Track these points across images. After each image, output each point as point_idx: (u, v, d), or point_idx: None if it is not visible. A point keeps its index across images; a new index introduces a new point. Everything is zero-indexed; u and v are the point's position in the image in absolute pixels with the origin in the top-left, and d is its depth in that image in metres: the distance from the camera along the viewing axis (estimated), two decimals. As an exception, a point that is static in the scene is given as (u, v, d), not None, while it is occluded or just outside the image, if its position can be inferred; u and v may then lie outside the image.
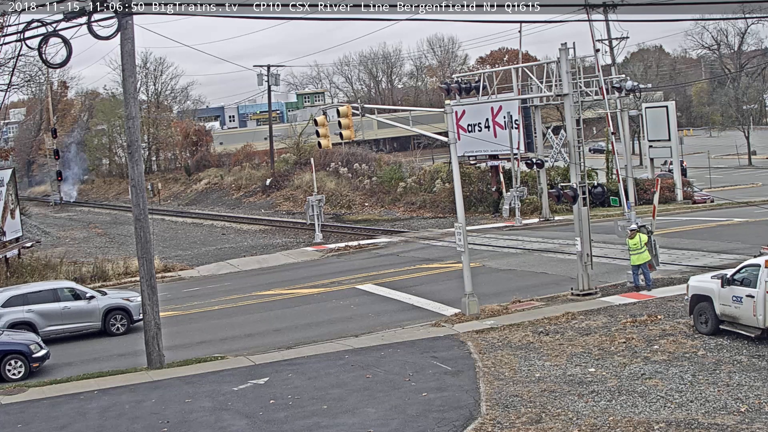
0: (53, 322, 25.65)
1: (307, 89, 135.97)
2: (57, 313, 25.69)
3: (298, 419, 15.75)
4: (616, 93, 31.63)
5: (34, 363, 21.98)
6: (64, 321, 25.80)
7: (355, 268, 34.87)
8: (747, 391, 15.48)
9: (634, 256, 25.32)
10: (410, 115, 32.81)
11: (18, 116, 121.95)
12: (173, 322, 26.45)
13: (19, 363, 21.77)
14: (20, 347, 22.05)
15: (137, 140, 20.86)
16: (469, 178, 51.71)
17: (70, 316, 25.73)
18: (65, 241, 55.14)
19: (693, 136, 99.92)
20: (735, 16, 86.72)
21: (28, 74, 54.38)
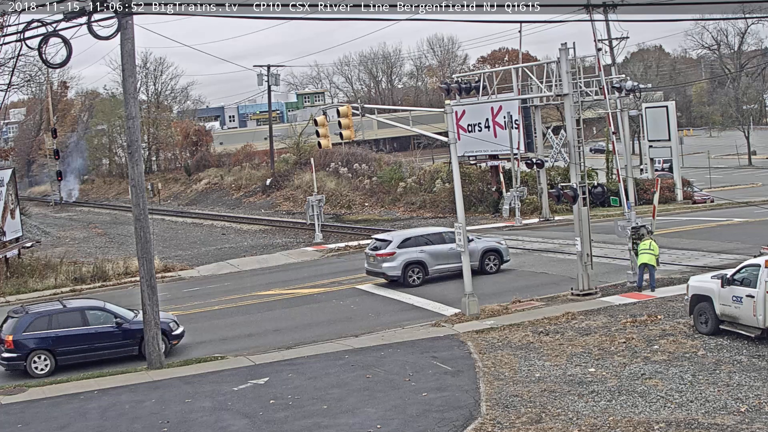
0: (440, 261, 29.23)
1: (307, 89, 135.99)
2: (444, 253, 29.16)
3: (298, 419, 15.75)
4: (616, 93, 31.66)
5: (173, 340, 23.12)
6: (449, 261, 29.05)
7: (355, 268, 34.83)
8: (747, 391, 15.48)
9: (643, 255, 25.16)
10: (410, 115, 32.88)
11: (18, 116, 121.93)
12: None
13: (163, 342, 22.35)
14: (162, 326, 22.49)
15: (137, 140, 20.86)
16: (469, 178, 51.71)
17: (455, 257, 27.96)
18: (65, 241, 55.14)
19: (693, 136, 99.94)
20: (735, 16, 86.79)
21: (28, 74, 54.41)
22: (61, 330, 22.30)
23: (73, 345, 22.30)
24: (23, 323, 22.24)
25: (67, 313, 22.81)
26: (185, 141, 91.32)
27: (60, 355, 22.17)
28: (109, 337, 22.55)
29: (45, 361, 22.00)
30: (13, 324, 22.19)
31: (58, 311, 22.91)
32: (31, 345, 21.93)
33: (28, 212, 64.04)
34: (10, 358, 21.90)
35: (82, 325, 22.58)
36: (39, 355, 21.95)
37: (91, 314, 22.90)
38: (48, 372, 21.88)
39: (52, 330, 22.26)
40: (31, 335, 22.04)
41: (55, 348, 22.11)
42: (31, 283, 35.67)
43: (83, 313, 22.89)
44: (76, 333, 22.39)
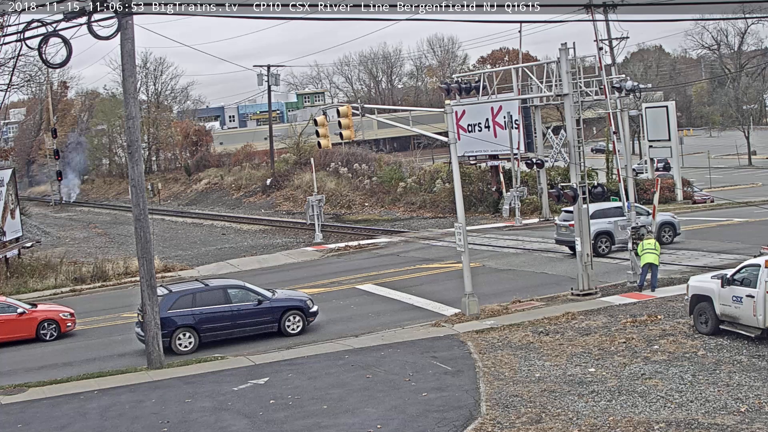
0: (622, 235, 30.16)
1: (307, 89, 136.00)
2: None
3: (298, 419, 15.75)
4: (616, 93, 31.61)
5: (310, 317, 24.27)
6: None
7: (355, 268, 34.86)
8: (747, 391, 15.48)
9: (646, 255, 25.16)
10: (410, 115, 32.86)
11: (18, 116, 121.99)
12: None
13: (298, 318, 24.04)
14: (299, 303, 24.32)
15: (137, 140, 20.86)
16: (469, 178, 51.69)
17: None
18: (65, 241, 55.14)
19: (693, 136, 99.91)
20: (735, 16, 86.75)
21: (28, 74, 54.40)
22: (204, 308, 23.23)
23: (217, 322, 23.28)
24: (168, 301, 23.01)
25: (209, 291, 23.77)
26: (185, 141, 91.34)
27: (204, 332, 23.15)
28: (250, 315, 23.55)
29: (189, 338, 22.97)
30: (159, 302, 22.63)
31: (202, 289, 23.85)
32: (177, 322, 22.82)
33: (28, 212, 64.04)
34: None
35: (225, 302, 23.55)
36: (183, 332, 22.87)
37: (232, 292, 23.88)
38: (192, 349, 22.80)
39: (196, 308, 23.16)
40: (175, 313, 22.91)
41: (199, 325, 23.06)
42: (31, 283, 35.68)
43: (225, 291, 23.86)
44: (219, 310, 23.37)
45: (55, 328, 26.35)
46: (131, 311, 27.64)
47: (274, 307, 23.82)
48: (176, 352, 22.50)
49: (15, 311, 26.23)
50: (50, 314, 26.68)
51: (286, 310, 24.01)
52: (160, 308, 21.96)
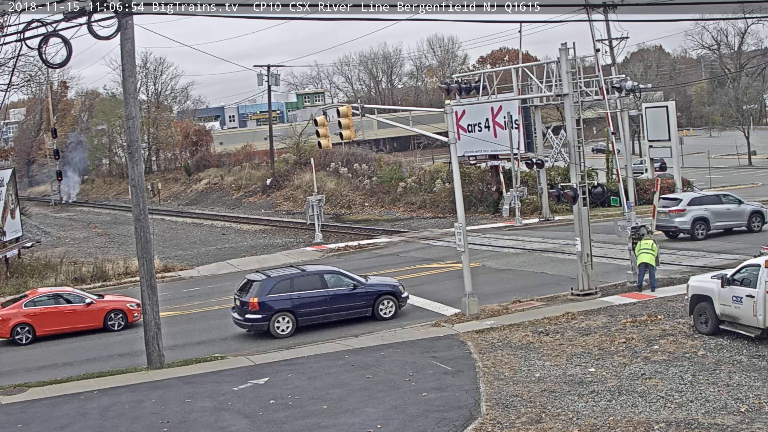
0: (719, 219, 34.49)
1: (307, 89, 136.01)
2: (723, 212, 34.64)
3: (298, 419, 15.75)
4: (616, 93, 31.62)
5: (401, 302, 25.21)
6: (726, 219, 34.71)
7: (355, 268, 34.77)
8: (747, 391, 15.47)
9: (643, 254, 25.20)
10: (410, 115, 32.85)
11: (18, 116, 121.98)
12: (173, 322, 26.45)
13: (390, 303, 24.96)
14: (392, 288, 25.25)
15: (137, 140, 20.86)
16: (469, 178, 51.68)
17: (731, 215, 34.73)
18: (65, 241, 55.14)
19: (693, 136, 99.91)
20: (735, 16, 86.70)
21: (28, 74, 54.37)
22: (302, 292, 24.00)
23: (314, 306, 24.08)
24: (267, 286, 23.78)
25: (306, 277, 24.58)
26: (185, 141, 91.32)
27: (301, 316, 23.91)
28: (345, 299, 24.30)
29: (287, 322, 23.75)
30: (258, 287, 23.69)
31: (299, 275, 24.60)
32: (275, 307, 23.60)
33: (28, 212, 64.05)
34: (254, 320, 23.61)
35: (321, 287, 24.38)
36: (282, 316, 23.67)
37: (328, 277, 24.68)
38: (290, 333, 23.60)
39: (294, 292, 23.91)
40: (274, 297, 23.69)
41: (296, 309, 23.83)
42: (31, 283, 35.63)
43: (322, 277, 24.70)
44: (316, 295, 24.18)
45: (122, 318, 27.04)
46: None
47: (369, 292, 24.71)
48: (275, 336, 23.42)
49: (83, 302, 26.93)
50: (117, 304, 27.40)
51: (380, 295, 24.91)
52: (259, 293, 23.37)
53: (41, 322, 26.23)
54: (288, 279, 24.22)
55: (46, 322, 26.24)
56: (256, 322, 23.62)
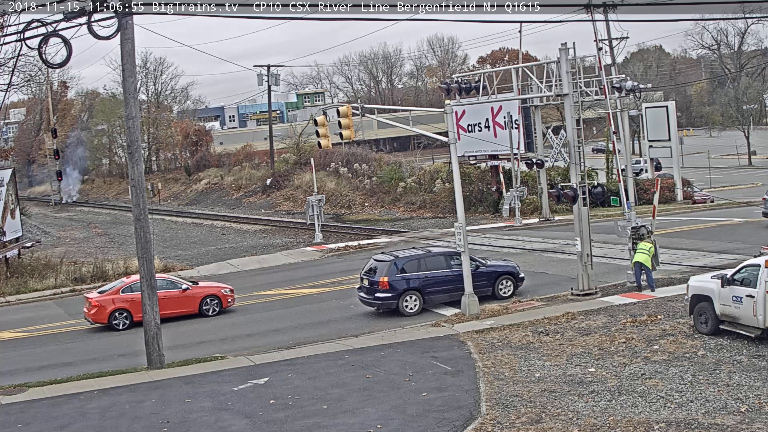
0: None
1: (307, 89, 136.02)
2: None
3: (298, 419, 15.75)
4: (616, 93, 31.67)
5: (519, 282, 26.67)
6: None
7: (355, 268, 34.78)
8: (747, 391, 15.47)
9: (638, 253, 25.28)
10: (410, 115, 32.83)
11: (18, 116, 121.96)
12: (174, 322, 26.46)
13: (509, 282, 26.41)
14: (511, 269, 26.82)
15: (137, 140, 20.86)
16: (469, 178, 51.67)
17: None
18: (65, 241, 55.14)
19: (693, 136, 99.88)
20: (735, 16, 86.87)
21: (28, 74, 54.42)
22: (428, 272, 25.36)
23: (439, 286, 25.35)
24: (396, 266, 25.19)
25: (432, 257, 25.92)
26: (185, 141, 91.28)
27: (427, 295, 25.29)
28: None
29: (415, 300, 25.16)
30: (387, 267, 25.11)
31: (425, 255, 26.00)
32: (404, 286, 25.04)
33: (28, 212, 64.06)
34: (384, 298, 25.04)
35: (446, 268, 25.58)
36: (410, 295, 25.08)
37: (452, 258, 25.68)
38: (416, 311, 25.04)
39: (420, 272, 25.30)
40: (403, 277, 25.14)
41: (423, 288, 25.21)
42: (31, 283, 35.68)
43: (446, 257, 25.89)
44: (441, 275, 25.44)
45: (217, 304, 27.86)
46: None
47: (490, 272, 25.99)
48: (403, 314, 24.85)
49: (179, 288, 27.69)
50: (212, 290, 28.27)
51: (500, 275, 26.34)
52: (389, 272, 24.83)
53: (139, 307, 26.03)
54: (415, 259, 25.68)
55: None
56: (386, 301, 25.06)
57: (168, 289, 27.22)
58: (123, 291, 27.10)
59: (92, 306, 26.86)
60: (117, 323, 26.61)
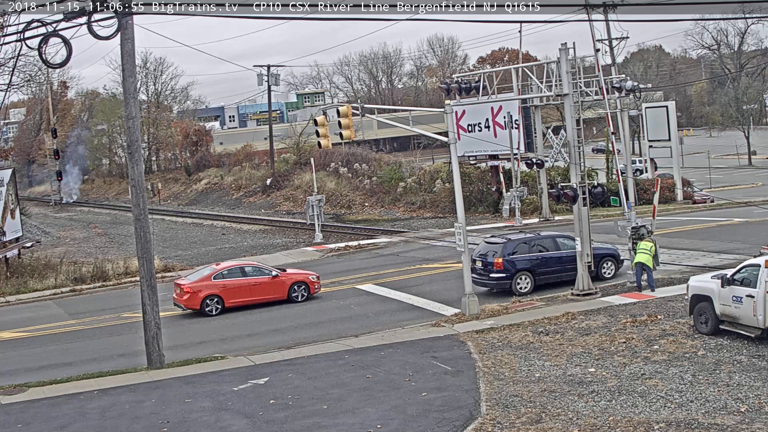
0: None
1: (307, 89, 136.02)
2: None
3: (298, 419, 15.75)
4: (616, 93, 31.64)
5: (620, 264, 27.82)
6: None
7: (355, 268, 34.87)
8: (747, 391, 15.48)
9: (638, 254, 25.31)
10: (410, 115, 32.81)
11: (18, 116, 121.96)
12: (173, 322, 26.46)
13: (611, 264, 27.68)
14: (613, 251, 28.04)
15: (137, 140, 20.86)
16: (469, 178, 51.67)
17: None
18: (65, 241, 55.14)
19: (693, 136, 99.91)
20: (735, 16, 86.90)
21: (28, 74, 54.40)
22: (539, 254, 26.76)
23: (549, 266, 26.68)
24: (509, 247, 26.56)
25: (542, 239, 27.34)
26: (185, 141, 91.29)
27: (538, 275, 26.57)
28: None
29: (527, 281, 26.43)
30: (501, 248, 26.45)
31: (536, 238, 27.46)
32: (517, 266, 26.34)
33: (28, 212, 64.03)
34: (498, 278, 26.42)
35: (554, 250, 27.00)
36: (523, 275, 26.36)
37: (560, 240, 27.25)
38: (528, 290, 26.30)
39: (531, 254, 26.67)
40: (516, 258, 26.44)
41: (535, 269, 26.52)
42: (31, 283, 35.65)
43: (555, 240, 27.32)
44: (551, 256, 26.82)
45: (305, 290, 28.72)
46: (131, 311, 27.73)
47: (596, 254, 26.50)
48: (516, 293, 25.98)
49: (269, 274, 28.51)
50: (300, 277, 29.18)
51: (603, 257, 27.49)
52: (503, 253, 26.23)
53: (230, 293, 27.63)
54: (526, 242, 27.06)
55: (234, 293, 27.71)
56: (500, 281, 26.36)
57: (258, 276, 28.29)
58: (215, 277, 27.83)
59: (184, 292, 27.42)
60: (209, 309, 27.35)
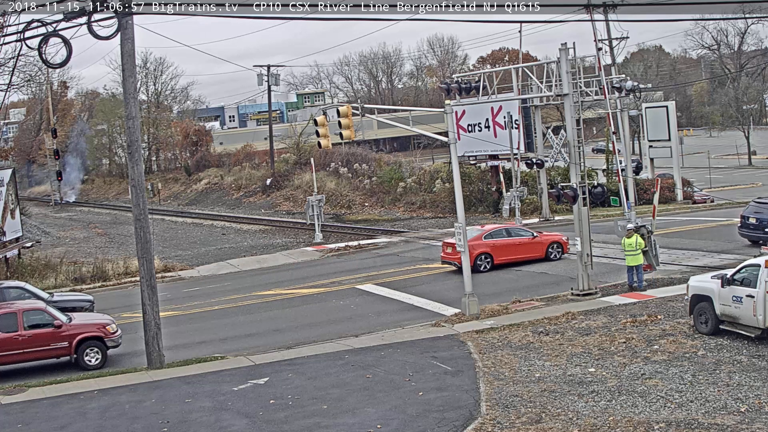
0: None
1: (307, 89, 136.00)
2: None
3: (298, 419, 15.75)
4: (616, 93, 31.68)
5: None
6: None
7: (355, 268, 34.87)
8: (747, 391, 15.48)
9: (628, 257, 25.50)
10: (410, 115, 32.86)
11: (18, 116, 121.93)
12: (173, 322, 26.47)
13: None
14: None
15: (137, 140, 20.86)
16: (469, 178, 51.68)
17: None
18: (65, 241, 55.14)
19: (693, 136, 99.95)
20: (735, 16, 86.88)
21: (28, 74, 54.33)
22: None
23: None
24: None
25: None
26: (185, 141, 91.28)
27: None
28: None
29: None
30: None
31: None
32: None
33: (28, 212, 64.02)
34: None
35: None
36: None
37: None
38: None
39: None
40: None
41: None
42: (31, 283, 35.58)
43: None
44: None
45: (560, 250, 32.18)
46: (131, 311, 27.72)
47: None
48: None
49: (530, 235, 32.12)
50: (555, 238, 32.64)
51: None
52: None
53: (499, 251, 31.07)
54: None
55: (502, 252, 31.15)
56: None
57: (521, 236, 32.00)
58: (485, 237, 31.03)
59: (455, 251, 28.13)
60: (480, 265, 30.23)
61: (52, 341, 21.74)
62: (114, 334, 22.41)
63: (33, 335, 21.61)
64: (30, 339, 21.57)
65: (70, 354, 21.93)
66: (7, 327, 21.48)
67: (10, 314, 21.88)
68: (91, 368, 21.53)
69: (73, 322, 22.26)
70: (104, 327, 22.43)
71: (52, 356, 21.99)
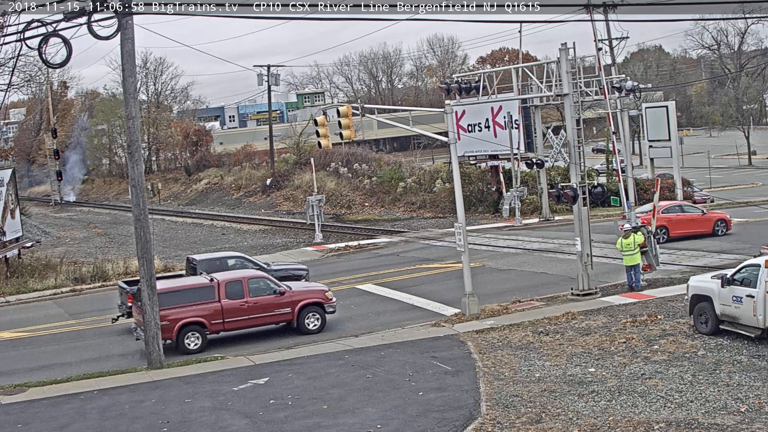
0: None
1: (307, 89, 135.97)
2: None
3: (298, 419, 15.75)
4: (616, 93, 31.68)
5: None
6: None
7: (355, 268, 34.86)
8: (747, 391, 15.48)
9: (625, 257, 25.51)
10: (410, 115, 32.79)
11: (18, 116, 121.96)
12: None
13: None
14: None
15: (137, 140, 20.86)
16: (469, 178, 51.66)
17: None
18: (65, 241, 55.12)
19: (693, 136, 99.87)
20: (735, 16, 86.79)
21: (28, 74, 54.37)
22: None
23: None
24: None
25: None
26: (185, 141, 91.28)
27: None
28: None
29: None
30: None
31: None
32: None
33: (28, 212, 63.99)
34: None
35: None
36: None
37: None
38: None
39: None
40: None
41: None
42: (31, 283, 35.63)
43: None
44: None
45: (724, 227, 35.04)
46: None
47: None
48: None
49: (699, 211, 35.21)
50: (722, 216, 35.53)
51: None
52: None
53: (674, 225, 34.35)
54: None
55: (677, 226, 34.38)
56: None
57: (691, 212, 34.91)
58: (662, 212, 32.83)
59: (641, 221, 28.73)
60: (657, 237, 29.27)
61: (276, 307, 22.89)
62: (332, 300, 23.65)
63: (258, 302, 22.63)
64: (255, 306, 22.60)
65: (293, 320, 23.01)
66: (233, 294, 22.45)
67: (236, 281, 22.86)
68: (312, 333, 22.72)
69: (294, 289, 23.28)
70: (324, 293, 23.53)
71: (276, 322, 23.10)
